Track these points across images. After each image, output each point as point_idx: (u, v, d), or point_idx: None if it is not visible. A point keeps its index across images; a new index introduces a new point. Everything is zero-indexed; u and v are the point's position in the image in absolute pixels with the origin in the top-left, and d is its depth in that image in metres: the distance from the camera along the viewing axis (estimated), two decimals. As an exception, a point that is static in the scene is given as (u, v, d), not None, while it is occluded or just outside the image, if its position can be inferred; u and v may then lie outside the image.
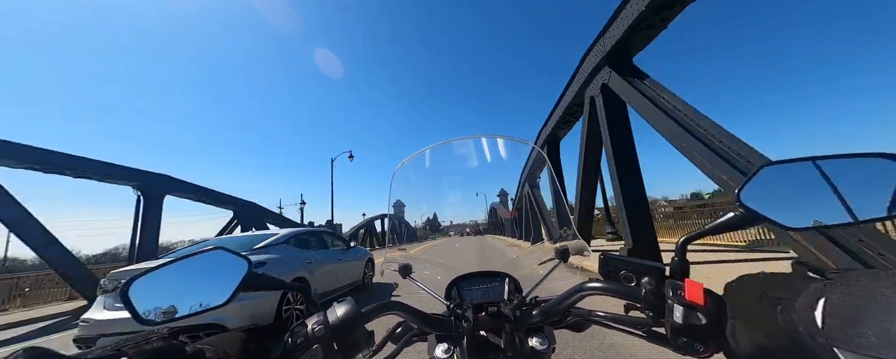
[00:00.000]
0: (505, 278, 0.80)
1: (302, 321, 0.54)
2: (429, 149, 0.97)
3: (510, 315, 0.61)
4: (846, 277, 0.30)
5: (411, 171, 0.97)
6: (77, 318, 4.14)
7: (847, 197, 0.46)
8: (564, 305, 0.60)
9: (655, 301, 0.50)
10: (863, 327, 0.25)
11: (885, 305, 0.25)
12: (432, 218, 1.34)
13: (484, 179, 1.10)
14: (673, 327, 0.45)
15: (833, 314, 0.28)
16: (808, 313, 0.30)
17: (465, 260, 0.97)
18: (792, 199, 0.49)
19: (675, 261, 0.52)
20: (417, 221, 1.23)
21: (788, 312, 0.32)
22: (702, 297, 0.44)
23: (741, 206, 0.48)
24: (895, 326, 0.23)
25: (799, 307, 0.31)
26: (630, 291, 0.54)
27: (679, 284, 0.47)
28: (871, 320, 0.25)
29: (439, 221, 1.53)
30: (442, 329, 0.63)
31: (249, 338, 0.49)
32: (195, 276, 0.55)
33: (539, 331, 0.64)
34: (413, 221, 1.22)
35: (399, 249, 1.17)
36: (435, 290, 0.82)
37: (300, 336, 0.51)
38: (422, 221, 1.28)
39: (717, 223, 0.52)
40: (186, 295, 0.53)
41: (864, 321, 0.25)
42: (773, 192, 0.48)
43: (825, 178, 0.48)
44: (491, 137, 0.98)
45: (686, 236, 0.53)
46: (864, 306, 0.26)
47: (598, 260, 0.62)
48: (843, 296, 0.28)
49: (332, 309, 0.55)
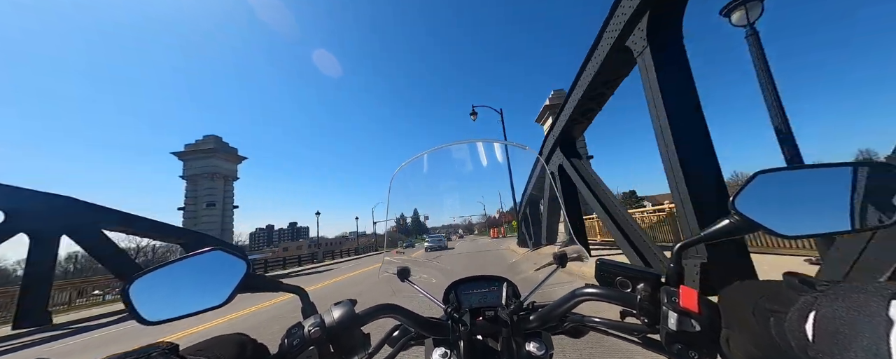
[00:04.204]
0: (503, 283, 0.80)
1: (298, 323, 0.54)
2: (427, 153, 0.98)
3: (507, 320, 0.61)
4: (836, 289, 0.30)
5: (409, 174, 0.97)
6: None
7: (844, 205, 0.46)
8: (561, 310, 0.60)
9: (651, 308, 0.50)
10: (852, 342, 0.25)
11: (872, 320, 0.25)
12: (417, 219, 1.33)
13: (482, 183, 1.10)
14: (668, 333, 0.45)
15: (823, 328, 0.28)
16: (799, 326, 0.30)
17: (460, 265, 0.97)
18: (787, 206, 0.49)
19: (671, 267, 0.52)
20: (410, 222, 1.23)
21: (781, 324, 0.32)
22: (696, 304, 0.44)
23: (736, 213, 0.48)
24: (883, 343, 0.23)
25: (790, 320, 0.31)
26: (625, 297, 0.54)
27: (674, 290, 0.47)
28: (860, 335, 0.25)
29: (426, 224, 1.52)
30: (439, 333, 0.63)
31: (246, 341, 0.50)
32: (194, 276, 0.55)
33: (536, 336, 0.64)
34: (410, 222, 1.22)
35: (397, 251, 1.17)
36: (433, 293, 0.82)
37: (296, 338, 0.51)
38: (410, 222, 1.28)
39: (712, 230, 0.52)
40: (186, 295, 0.54)
41: (854, 337, 0.25)
42: (768, 199, 0.49)
43: (822, 186, 0.48)
44: (489, 141, 0.99)
45: (682, 243, 0.53)
46: (852, 319, 0.26)
47: (595, 266, 0.63)
48: (832, 309, 0.28)
49: (328, 311, 0.55)
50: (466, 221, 1.56)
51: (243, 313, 6.85)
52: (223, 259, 0.56)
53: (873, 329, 0.25)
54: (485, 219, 1.63)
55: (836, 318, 0.27)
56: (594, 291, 0.57)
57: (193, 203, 30.62)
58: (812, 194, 0.48)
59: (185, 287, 0.54)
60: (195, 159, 31.30)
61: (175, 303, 0.52)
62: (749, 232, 0.49)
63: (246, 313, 6.92)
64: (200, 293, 0.53)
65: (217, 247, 0.56)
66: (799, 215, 0.48)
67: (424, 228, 1.85)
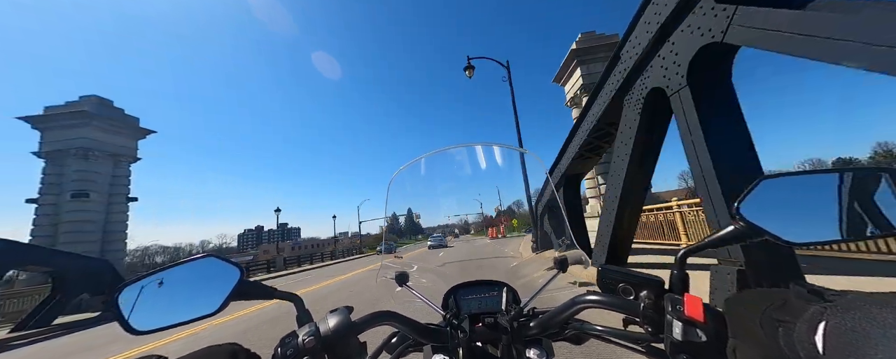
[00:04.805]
0: (503, 288, 0.79)
1: (293, 332, 0.53)
2: (425, 156, 0.98)
3: (507, 327, 0.60)
4: (846, 300, 0.29)
5: (408, 178, 0.96)
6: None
7: (852, 212, 0.45)
8: (562, 317, 0.59)
9: (654, 316, 0.49)
10: (866, 355, 0.25)
11: (887, 333, 0.24)
12: (410, 219, 1.32)
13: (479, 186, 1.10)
14: (672, 343, 0.44)
15: (834, 340, 0.27)
16: (809, 337, 0.29)
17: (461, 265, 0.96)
18: (793, 213, 0.48)
19: (675, 274, 0.51)
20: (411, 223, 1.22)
21: (790, 335, 0.31)
22: (701, 313, 0.43)
23: (741, 219, 0.47)
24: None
25: (799, 331, 0.30)
26: (628, 304, 0.53)
27: (679, 298, 0.46)
28: (875, 348, 0.24)
29: (420, 224, 1.50)
30: (438, 340, 0.62)
31: (238, 350, 0.48)
32: (186, 283, 0.54)
33: (537, 343, 0.63)
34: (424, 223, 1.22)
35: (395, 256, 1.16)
36: (432, 299, 0.80)
37: (290, 348, 0.50)
38: (403, 222, 1.26)
39: (716, 237, 0.51)
40: (177, 303, 0.52)
41: (865, 349, 0.25)
42: (772, 205, 0.47)
43: (829, 191, 0.47)
44: (487, 144, 0.98)
45: (685, 249, 0.52)
46: (864, 331, 0.26)
47: (597, 272, 0.62)
48: (843, 320, 0.28)
49: (323, 320, 0.54)
50: (462, 220, 1.55)
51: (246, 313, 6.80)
52: (216, 266, 0.55)
53: (889, 342, 0.24)
54: (481, 218, 1.62)
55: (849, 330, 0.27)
56: (596, 298, 0.55)
57: (54, 192, 18.58)
58: (819, 200, 0.47)
59: (176, 295, 0.52)
60: (60, 129, 19.40)
61: (165, 312, 0.50)
62: (754, 238, 0.48)
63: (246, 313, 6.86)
64: (192, 301, 0.52)
65: (210, 254, 0.55)
66: (805, 222, 0.47)
67: (419, 228, 1.84)
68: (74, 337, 7.43)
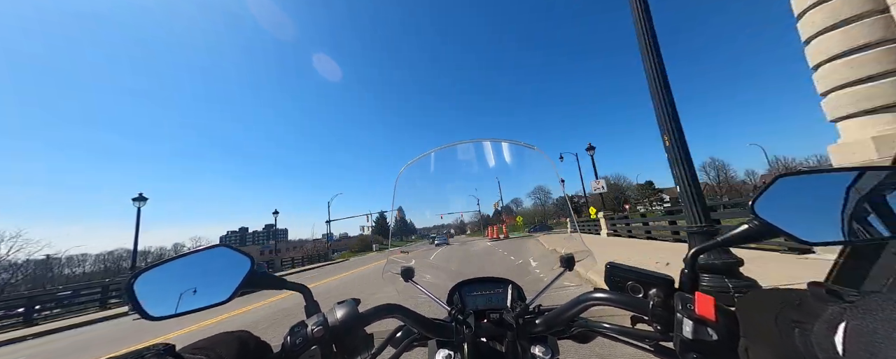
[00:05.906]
0: (508, 285, 0.78)
1: (302, 322, 0.54)
2: (433, 152, 0.97)
3: (512, 323, 0.60)
4: (867, 301, 0.28)
5: (416, 173, 0.96)
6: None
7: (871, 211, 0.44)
8: (568, 314, 0.58)
9: (664, 314, 0.48)
10: (887, 357, 0.24)
11: None
12: (403, 219, 1.29)
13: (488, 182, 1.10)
14: (682, 341, 0.43)
15: (855, 342, 0.26)
16: (827, 338, 0.28)
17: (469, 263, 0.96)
18: (812, 212, 0.46)
19: (685, 272, 0.50)
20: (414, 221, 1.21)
21: (807, 335, 0.31)
22: (713, 312, 0.42)
23: (756, 218, 0.46)
24: None
25: (818, 331, 0.30)
26: (637, 302, 0.52)
27: (689, 297, 0.45)
28: (895, 349, 0.24)
29: (414, 225, 1.44)
30: (443, 335, 0.62)
31: (248, 338, 0.49)
32: (198, 272, 0.55)
33: (542, 340, 0.63)
34: (418, 223, 1.22)
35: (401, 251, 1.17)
36: (437, 294, 0.81)
37: (299, 337, 0.51)
38: (394, 222, 1.24)
39: (731, 235, 0.50)
40: (190, 291, 0.53)
41: (889, 351, 0.24)
42: (790, 204, 0.46)
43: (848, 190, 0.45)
44: (496, 140, 0.98)
45: (697, 247, 0.51)
46: (888, 333, 0.25)
47: (604, 269, 0.61)
48: (864, 321, 0.27)
49: (332, 311, 0.55)
50: (458, 219, 1.49)
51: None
52: (227, 255, 0.56)
53: None
54: (479, 217, 1.54)
55: (871, 331, 0.26)
56: (604, 295, 0.55)
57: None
58: (838, 199, 0.46)
59: (189, 283, 0.53)
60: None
61: (179, 299, 0.52)
62: (769, 237, 0.47)
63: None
64: (204, 289, 0.53)
65: (222, 244, 0.56)
66: (823, 221, 0.45)
67: (412, 228, 1.81)
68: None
